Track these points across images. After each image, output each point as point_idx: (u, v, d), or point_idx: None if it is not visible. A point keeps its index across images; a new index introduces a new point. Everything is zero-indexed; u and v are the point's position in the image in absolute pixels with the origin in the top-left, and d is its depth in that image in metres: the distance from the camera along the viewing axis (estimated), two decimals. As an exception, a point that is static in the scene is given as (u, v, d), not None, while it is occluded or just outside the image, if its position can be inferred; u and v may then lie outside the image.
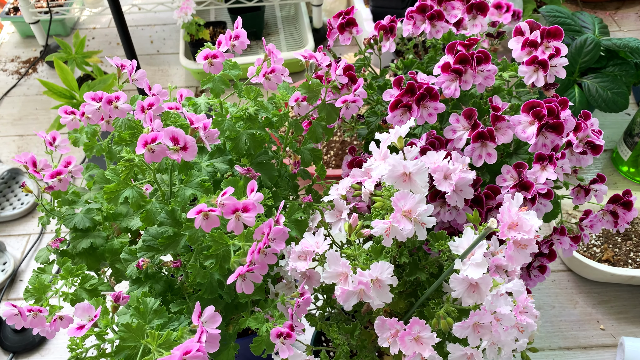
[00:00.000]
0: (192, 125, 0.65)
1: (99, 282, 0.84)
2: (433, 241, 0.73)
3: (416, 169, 0.62)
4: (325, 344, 1.08)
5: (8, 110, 1.88)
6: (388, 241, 0.64)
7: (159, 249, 0.70)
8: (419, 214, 0.61)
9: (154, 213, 0.68)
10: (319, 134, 0.89)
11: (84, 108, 0.90)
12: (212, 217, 0.60)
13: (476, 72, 0.80)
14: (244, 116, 0.79)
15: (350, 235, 0.67)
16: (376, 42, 0.97)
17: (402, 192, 0.61)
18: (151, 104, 0.69)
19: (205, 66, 0.75)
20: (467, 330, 0.66)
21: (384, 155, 0.65)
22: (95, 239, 0.88)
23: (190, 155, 0.63)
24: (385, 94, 0.84)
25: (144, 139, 0.61)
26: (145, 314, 0.62)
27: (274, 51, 0.81)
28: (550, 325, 1.28)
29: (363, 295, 0.64)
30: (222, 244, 0.63)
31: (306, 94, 0.85)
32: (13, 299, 1.36)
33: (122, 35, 1.35)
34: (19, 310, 0.73)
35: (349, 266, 0.62)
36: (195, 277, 0.66)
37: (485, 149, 0.80)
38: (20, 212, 1.55)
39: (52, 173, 0.85)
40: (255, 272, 0.60)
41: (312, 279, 0.76)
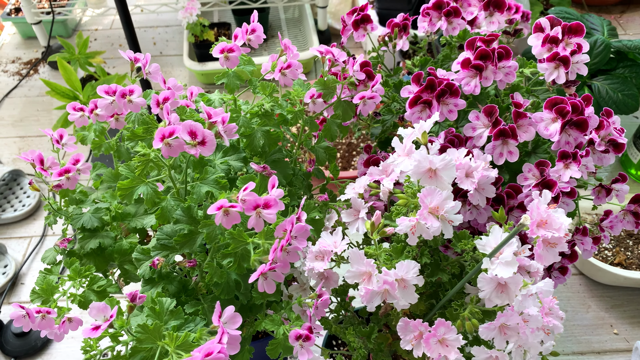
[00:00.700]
0: (210, 119, 0.63)
1: (107, 284, 0.82)
2: (456, 241, 0.71)
3: (443, 165, 0.60)
4: (336, 348, 1.06)
5: (9, 112, 1.86)
6: (413, 239, 0.61)
7: (174, 248, 0.67)
8: (446, 211, 0.59)
9: (169, 210, 0.66)
10: (334, 132, 0.87)
11: (93, 105, 0.88)
12: (233, 213, 0.57)
13: (497, 68, 0.78)
14: (259, 112, 0.77)
15: (372, 234, 0.65)
16: (390, 39, 0.95)
17: (429, 188, 0.58)
18: (167, 97, 0.67)
19: (221, 60, 0.73)
20: (494, 332, 0.64)
21: (409, 150, 0.63)
22: (103, 239, 0.86)
23: (209, 150, 0.61)
24: (403, 90, 0.82)
25: (161, 132, 0.59)
26: (161, 314, 0.60)
27: (290, 46, 0.79)
28: (563, 329, 1.26)
29: (387, 296, 0.61)
30: (241, 242, 0.61)
31: (321, 90, 0.83)
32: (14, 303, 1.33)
33: (128, 36, 1.33)
34: (27, 312, 0.70)
35: (373, 265, 0.60)
36: (212, 276, 0.64)
37: (507, 146, 0.78)
38: (21, 214, 1.52)
39: (60, 171, 0.82)
40: (277, 270, 0.58)
41: (330, 279, 0.74)
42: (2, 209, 1.53)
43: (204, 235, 0.64)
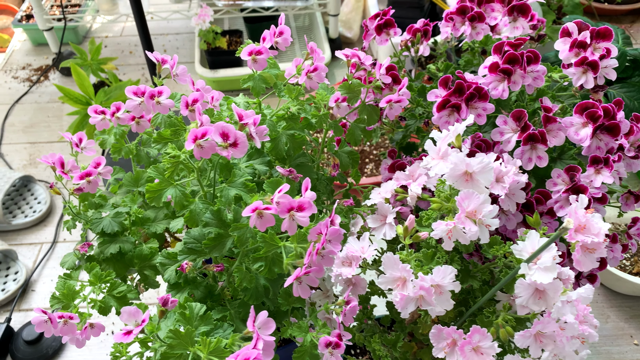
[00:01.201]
0: (242, 121, 0.62)
1: (127, 289, 0.80)
2: (487, 247, 0.69)
3: (480, 168, 0.59)
4: (355, 357, 1.04)
5: (19, 118, 1.85)
6: (449, 244, 0.60)
7: (201, 252, 0.66)
8: (484, 214, 0.58)
9: (198, 214, 0.65)
10: (358, 136, 0.86)
11: (114, 107, 0.88)
12: (267, 215, 0.56)
13: (526, 73, 0.77)
14: (285, 115, 0.76)
15: (404, 239, 0.64)
16: (412, 44, 0.94)
17: (467, 191, 0.57)
18: (196, 99, 0.66)
19: (249, 62, 0.73)
20: (529, 339, 0.62)
21: (444, 153, 0.62)
22: (123, 244, 0.85)
23: (241, 151, 0.60)
24: (430, 94, 0.81)
25: (194, 133, 0.58)
26: (191, 320, 0.58)
27: (316, 49, 0.78)
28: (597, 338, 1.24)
29: (422, 302, 0.60)
30: (273, 245, 0.59)
31: (346, 94, 0.82)
32: (25, 310, 1.32)
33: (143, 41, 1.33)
34: (49, 317, 0.69)
35: (409, 270, 0.58)
36: (242, 281, 0.63)
37: (536, 151, 0.77)
38: (32, 220, 1.50)
39: (82, 174, 0.81)
40: (312, 274, 0.56)
41: (358, 286, 0.73)
42: (12, 215, 1.51)
43: (233, 238, 0.62)
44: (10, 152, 1.73)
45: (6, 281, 1.36)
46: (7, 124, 1.83)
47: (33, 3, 1.79)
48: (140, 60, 2.07)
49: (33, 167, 1.68)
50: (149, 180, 0.91)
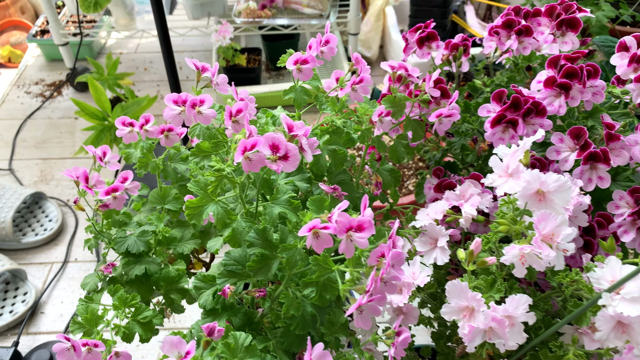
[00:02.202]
0: (292, 132, 0.57)
1: (153, 314, 0.74)
2: (551, 274, 0.64)
3: (556, 186, 0.54)
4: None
5: (31, 133, 1.81)
6: (521, 271, 0.54)
7: (242, 275, 0.60)
8: (562, 238, 0.52)
9: (241, 232, 0.59)
10: (401, 153, 0.81)
11: (143, 120, 0.83)
12: (324, 236, 0.51)
13: (585, 88, 0.73)
14: (329, 129, 0.71)
15: (467, 265, 0.58)
16: (455, 59, 0.90)
17: (544, 212, 0.52)
18: (240, 109, 0.61)
19: (294, 72, 0.68)
20: (606, 378, 0.56)
21: (514, 170, 0.56)
22: (149, 265, 0.79)
23: (292, 165, 0.55)
24: (481, 109, 0.76)
25: (244, 144, 0.53)
26: (236, 351, 0.52)
27: (361, 60, 0.73)
28: None
29: (491, 335, 0.54)
30: (326, 269, 0.54)
31: (390, 108, 0.77)
32: (33, 333, 1.25)
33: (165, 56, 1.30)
34: (72, 345, 0.63)
35: (480, 299, 0.52)
36: (289, 308, 0.57)
37: (596, 172, 0.72)
38: (43, 239, 1.45)
39: (108, 189, 0.76)
40: (374, 303, 0.50)
41: (409, 315, 0.67)
42: (22, 233, 1.46)
43: (280, 260, 0.57)
44: (21, 168, 1.68)
45: (14, 302, 1.30)
46: (18, 139, 1.79)
47: (49, 17, 1.76)
48: (155, 77, 2.04)
49: (44, 184, 1.63)
50: (176, 197, 0.86)
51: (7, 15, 2.38)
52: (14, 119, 1.86)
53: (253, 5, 1.81)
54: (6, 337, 1.25)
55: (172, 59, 1.35)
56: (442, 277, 0.77)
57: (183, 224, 0.88)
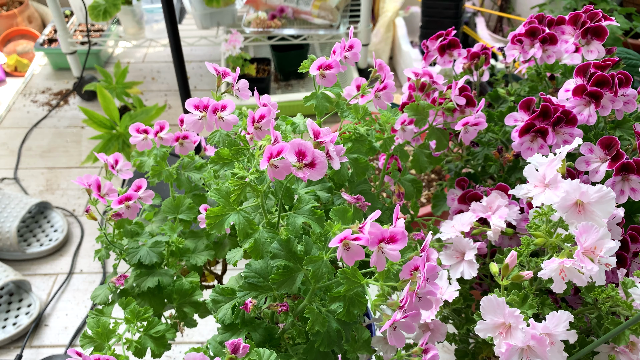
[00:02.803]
0: (318, 138, 0.54)
1: (165, 329, 0.72)
2: (586, 290, 0.61)
3: (598, 197, 0.51)
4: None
5: (37, 142, 1.79)
6: (560, 286, 0.52)
7: (264, 288, 0.57)
8: (605, 252, 0.49)
9: (264, 243, 0.56)
10: (424, 163, 0.79)
11: (158, 127, 0.81)
12: (356, 247, 0.48)
13: (616, 96, 0.70)
14: (352, 137, 0.68)
15: (501, 279, 0.55)
16: (476, 67, 0.88)
17: (586, 224, 0.49)
18: (263, 115, 0.58)
19: (317, 78, 0.66)
20: (649, 400, 0.53)
21: (552, 180, 0.54)
22: (162, 277, 0.76)
23: (319, 173, 0.52)
24: (508, 118, 0.74)
25: (270, 151, 0.51)
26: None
27: (385, 66, 0.71)
28: None
29: (529, 353, 0.51)
30: (355, 283, 0.51)
31: (413, 116, 0.75)
32: (37, 347, 1.22)
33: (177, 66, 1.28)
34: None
35: (518, 316, 0.50)
36: (314, 324, 0.54)
37: (628, 183, 0.69)
38: (47, 250, 1.42)
39: (121, 198, 0.74)
40: (409, 319, 0.48)
41: (436, 332, 0.64)
42: (27, 243, 1.43)
43: (306, 273, 0.54)
44: (26, 177, 1.66)
45: (18, 314, 1.26)
46: (24, 148, 1.77)
47: (58, 25, 1.75)
48: (162, 87, 2.03)
49: (50, 193, 1.61)
50: (190, 207, 0.83)
51: (15, 24, 2.38)
52: (19, 128, 1.84)
53: (263, 16, 1.79)
54: (9, 350, 1.21)
55: (183, 67, 1.34)
56: (466, 292, 0.74)
57: (196, 234, 0.86)
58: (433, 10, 1.77)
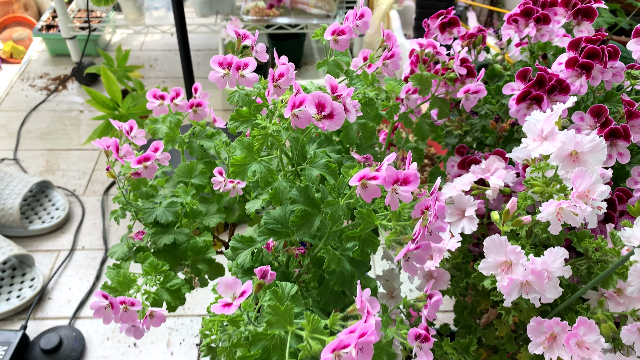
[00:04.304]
0: (336, 93, 0.59)
1: (181, 283, 0.75)
2: (577, 240, 0.66)
3: (591, 146, 0.56)
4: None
5: (36, 125, 1.81)
6: (556, 227, 0.57)
7: (282, 233, 0.62)
8: (597, 195, 0.54)
9: (283, 192, 0.61)
10: (426, 131, 0.84)
11: (174, 93, 0.84)
12: (372, 186, 0.52)
13: (606, 68, 0.76)
14: (361, 100, 0.73)
15: (503, 225, 0.60)
16: (474, 45, 0.93)
17: (581, 170, 0.54)
18: (282, 73, 0.63)
19: (330, 43, 0.70)
20: (635, 335, 0.58)
21: (549, 133, 0.59)
22: (177, 235, 0.80)
23: (337, 123, 0.57)
24: (506, 87, 0.79)
25: (292, 101, 0.55)
26: (283, 299, 0.53)
27: (393, 36, 0.76)
28: None
29: (528, 288, 0.56)
30: (370, 223, 0.55)
31: (418, 85, 0.80)
32: (41, 318, 1.24)
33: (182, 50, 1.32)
34: (110, 302, 0.63)
35: (519, 252, 0.54)
36: (330, 263, 0.58)
37: (616, 148, 0.75)
38: (49, 227, 1.44)
39: (140, 158, 0.77)
40: (421, 251, 0.52)
41: (440, 280, 0.69)
42: (29, 220, 1.45)
43: (322, 218, 0.58)
44: (26, 159, 1.68)
45: (22, 287, 1.29)
46: (23, 130, 1.78)
47: (59, 10, 1.77)
48: (160, 74, 2.05)
49: (50, 174, 1.63)
50: (203, 172, 0.87)
51: (11, 11, 2.39)
52: (18, 111, 1.86)
53: (261, 4, 1.84)
54: (14, 321, 1.24)
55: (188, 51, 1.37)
56: (465, 249, 0.79)
57: (207, 200, 0.90)
58: (427, 2, 1.83)
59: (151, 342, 1.20)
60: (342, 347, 0.44)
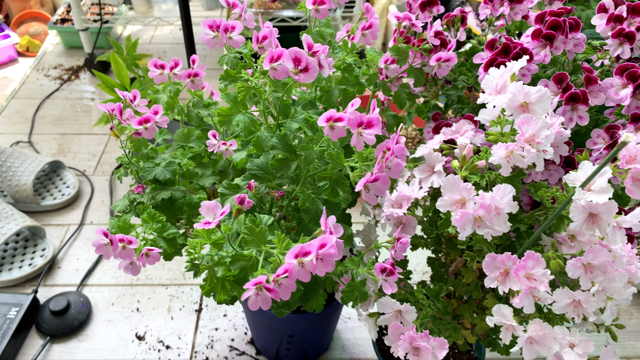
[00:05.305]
0: (312, 50, 0.66)
1: (177, 233, 0.83)
2: (533, 190, 0.72)
3: (538, 97, 0.63)
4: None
5: (50, 111, 1.90)
6: (506, 169, 0.63)
7: (264, 179, 0.69)
8: (542, 139, 0.61)
9: (264, 140, 0.68)
10: (404, 100, 0.90)
11: (173, 62, 0.92)
12: (339, 127, 0.60)
13: (567, 39, 0.82)
14: (341, 66, 0.80)
15: (461, 169, 0.67)
16: (453, 24, 1.00)
17: (526, 116, 0.61)
18: (266, 36, 0.70)
19: (312, 12, 0.78)
20: (580, 270, 0.65)
21: (502, 86, 0.66)
22: (174, 192, 0.87)
23: (311, 76, 0.64)
24: (476, 57, 0.86)
25: (271, 54, 0.62)
26: (261, 226, 0.60)
27: (371, 9, 0.83)
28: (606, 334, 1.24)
29: (480, 223, 0.63)
30: (339, 163, 0.62)
31: (396, 56, 0.87)
32: (50, 285, 1.32)
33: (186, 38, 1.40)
34: (110, 239, 0.71)
35: (470, 189, 0.61)
36: (305, 202, 0.65)
37: (577, 112, 0.81)
38: (60, 203, 1.53)
39: (140, 119, 0.85)
40: (379, 183, 0.59)
41: (407, 226, 0.75)
42: (41, 197, 1.54)
43: (297, 163, 0.65)
44: (40, 142, 1.77)
45: (33, 257, 1.37)
46: (37, 116, 1.88)
47: (72, 3, 1.87)
48: (168, 66, 2.14)
49: (62, 156, 1.72)
50: (199, 137, 0.95)
51: (28, 7, 2.50)
52: (33, 99, 1.96)
53: (265, -2, 1.92)
54: (25, 287, 1.32)
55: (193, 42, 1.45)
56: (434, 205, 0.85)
57: (203, 165, 0.97)
58: (424, -4, 1.90)
59: (153, 308, 1.28)
60: (304, 253, 0.51)
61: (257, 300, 0.51)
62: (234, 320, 1.25)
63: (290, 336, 1.04)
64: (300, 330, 1.02)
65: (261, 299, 0.50)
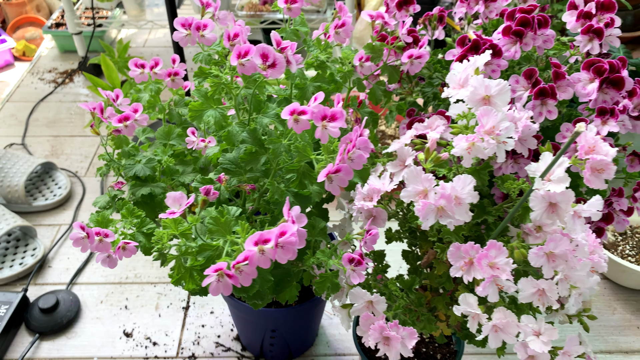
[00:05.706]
0: (280, 46, 0.68)
1: (155, 228, 0.84)
2: (500, 182, 0.74)
3: (498, 90, 0.65)
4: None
5: (43, 114, 1.93)
6: (468, 161, 0.65)
7: (235, 172, 0.71)
8: (501, 130, 0.63)
9: (235, 135, 0.70)
10: (379, 96, 0.92)
11: (153, 62, 0.94)
12: (303, 120, 0.61)
13: (536, 35, 0.84)
14: (314, 63, 0.82)
15: (426, 162, 0.69)
16: (430, 22, 1.02)
17: (486, 108, 0.63)
18: (237, 33, 0.72)
19: (284, 10, 0.80)
20: (542, 259, 0.66)
21: (464, 80, 0.68)
22: (154, 188, 0.89)
23: (278, 72, 0.66)
24: (448, 54, 0.88)
25: (238, 50, 0.64)
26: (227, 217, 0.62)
27: (344, 8, 0.85)
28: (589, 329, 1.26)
29: (442, 213, 0.64)
30: (305, 156, 0.64)
31: (370, 53, 0.88)
32: (41, 284, 1.34)
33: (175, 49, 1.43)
34: (87, 232, 0.73)
35: (431, 179, 0.63)
36: (274, 194, 0.67)
37: (546, 106, 0.83)
38: (51, 203, 1.55)
39: (120, 117, 0.87)
40: (342, 174, 0.61)
41: (378, 218, 0.77)
42: (33, 198, 1.56)
43: (267, 155, 0.67)
44: (33, 144, 1.79)
45: (24, 256, 1.39)
46: (31, 119, 1.90)
47: (65, 7, 1.90)
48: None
49: (55, 158, 1.74)
50: (180, 134, 0.97)
51: (24, 12, 2.53)
52: (27, 102, 1.98)
53: (255, 0, 1.94)
54: (15, 286, 1.34)
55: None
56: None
57: (185, 162, 0.99)
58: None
59: (141, 306, 1.29)
60: (263, 241, 0.52)
61: (219, 287, 0.52)
62: (220, 318, 1.26)
63: (273, 331, 1.06)
64: (282, 325, 1.04)
65: (222, 285, 0.52)
